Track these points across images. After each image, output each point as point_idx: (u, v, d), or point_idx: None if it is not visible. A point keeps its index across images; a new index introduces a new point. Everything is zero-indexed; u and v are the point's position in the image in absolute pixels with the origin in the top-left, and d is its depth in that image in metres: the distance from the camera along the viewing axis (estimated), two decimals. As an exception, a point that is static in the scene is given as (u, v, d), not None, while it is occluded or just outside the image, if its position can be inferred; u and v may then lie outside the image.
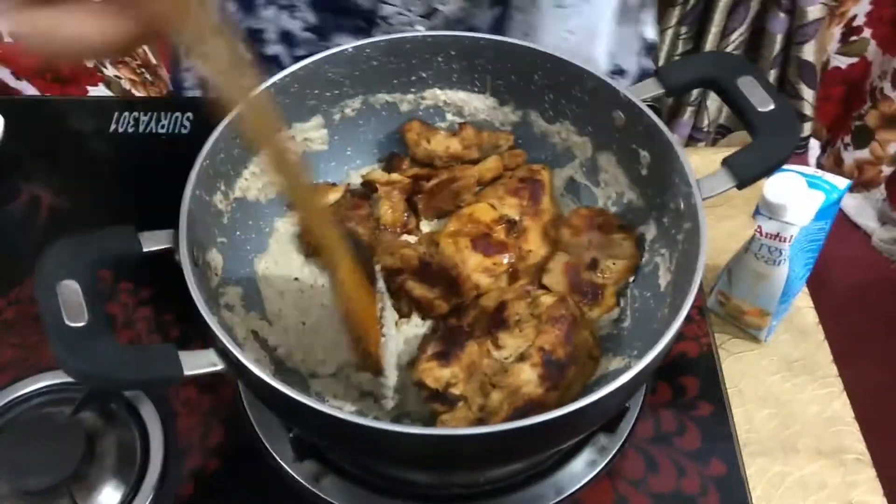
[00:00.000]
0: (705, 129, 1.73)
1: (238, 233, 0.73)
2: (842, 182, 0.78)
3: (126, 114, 0.95)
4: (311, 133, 0.77)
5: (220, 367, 0.55)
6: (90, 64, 1.83)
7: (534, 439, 0.56)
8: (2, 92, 1.90)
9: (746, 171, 0.65)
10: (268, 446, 0.71)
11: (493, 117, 0.80)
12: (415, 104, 0.80)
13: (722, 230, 0.93)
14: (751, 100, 0.67)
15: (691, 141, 1.71)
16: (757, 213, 0.77)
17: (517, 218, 0.75)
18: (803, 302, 0.89)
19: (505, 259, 0.72)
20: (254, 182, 0.73)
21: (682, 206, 0.66)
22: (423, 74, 0.78)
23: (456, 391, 0.64)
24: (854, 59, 1.72)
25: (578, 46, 0.94)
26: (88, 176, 0.92)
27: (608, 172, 0.77)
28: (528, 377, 0.64)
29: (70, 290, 0.54)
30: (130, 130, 0.94)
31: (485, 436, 0.52)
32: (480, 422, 0.64)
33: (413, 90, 0.79)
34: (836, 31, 1.67)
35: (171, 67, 1.13)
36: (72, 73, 1.87)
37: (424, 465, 0.62)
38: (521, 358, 0.66)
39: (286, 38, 0.90)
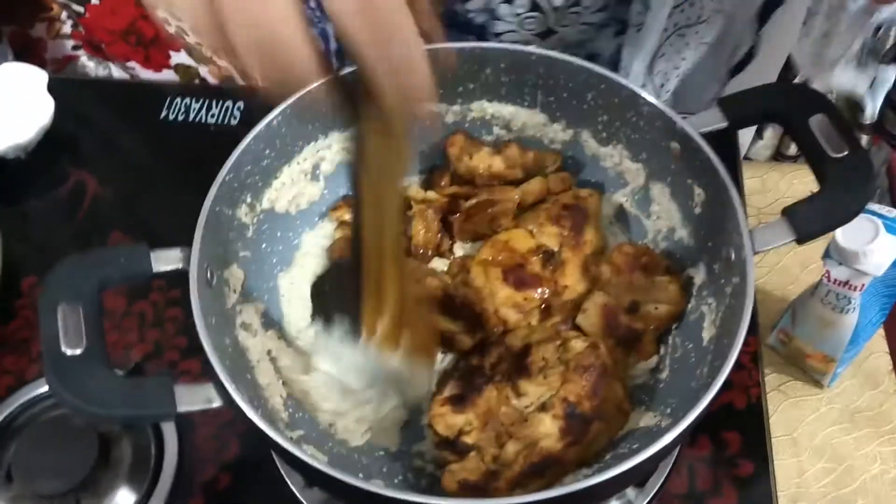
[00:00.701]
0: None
1: (264, 245, 0.71)
2: None
3: (178, 100, 0.94)
4: (350, 142, 0.73)
5: (216, 404, 0.54)
6: (172, 30, 1.84)
7: None
8: (95, 50, 1.93)
9: (808, 226, 0.59)
10: (279, 468, 0.69)
11: (542, 134, 0.76)
12: (461, 115, 0.76)
13: (794, 258, 0.87)
14: (821, 142, 0.60)
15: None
16: (826, 256, 0.70)
17: (555, 249, 0.70)
18: (877, 345, 0.82)
19: (537, 294, 0.68)
20: (284, 193, 0.71)
21: (732, 256, 0.61)
22: (471, 86, 0.74)
23: (468, 440, 0.61)
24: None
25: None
26: (135, 163, 0.92)
27: (660, 205, 0.71)
28: (547, 430, 0.60)
29: (71, 313, 0.53)
30: (181, 118, 0.92)
31: None
32: (493, 474, 0.60)
33: (460, 101, 0.75)
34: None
35: None
36: (154, 37, 1.89)
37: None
38: (543, 408, 0.61)
39: None
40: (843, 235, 0.68)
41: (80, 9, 1.86)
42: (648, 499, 0.68)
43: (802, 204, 0.59)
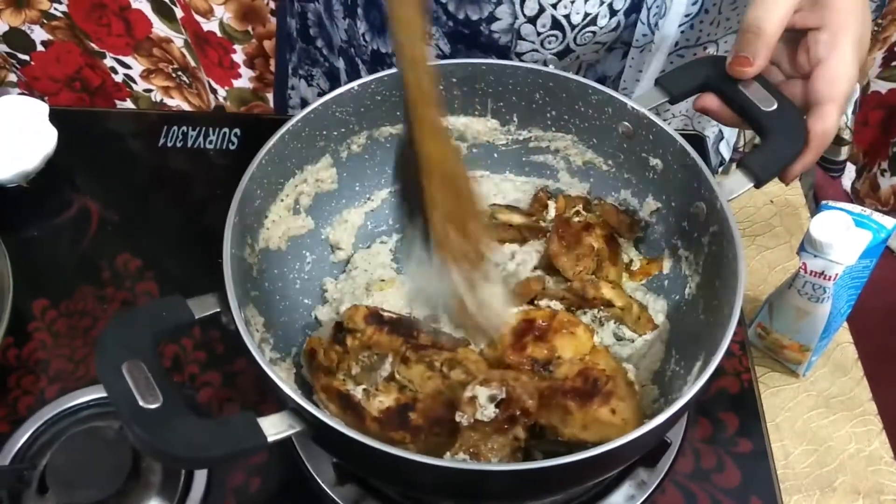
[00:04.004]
0: (741, 149, 1.72)
1: (267, 284, 0.73)
2: (889, 221, 0.77)
3: (175, 128, 0.96)
4: (322, 173, 0.78)
5: (299, 428, 0.55)
6: (118, 79, 1.85)
7: (561, 477, 0.58)
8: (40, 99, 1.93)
9: (762, 172, 0.67)
10: (309, 468, 0.71)
11: (494, 139, 0.82)
12: None
13: (762, 261, 0.94)
14: (754, 100, 0.68)
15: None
16: (802, 249, 0.77)
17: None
18: (843, 337, 0.89)
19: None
20: (274, 230, 0.74)
21: (705, 209, 0.68)
22: None
23: None
24: (894, 84, 1.70)
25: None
26: (137, 189, 0.94)
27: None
28: None
29: (137, 370, 0.53)
30: (179, 145, 0.95)
31: (512, 472, 0.54)
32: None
33: None
34: (878, 55, 1.65)
35: (276, 86, 1.15)
36: (100, 85, 1.89)
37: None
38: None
39: None
40: (818, 229, 0.75)
41: (26, 57, 1.86)
42: (660, 478, 0.73)
43: (752, 154, 0.68)
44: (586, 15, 0.84)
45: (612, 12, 0.84)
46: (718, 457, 0.75)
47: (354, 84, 0.74)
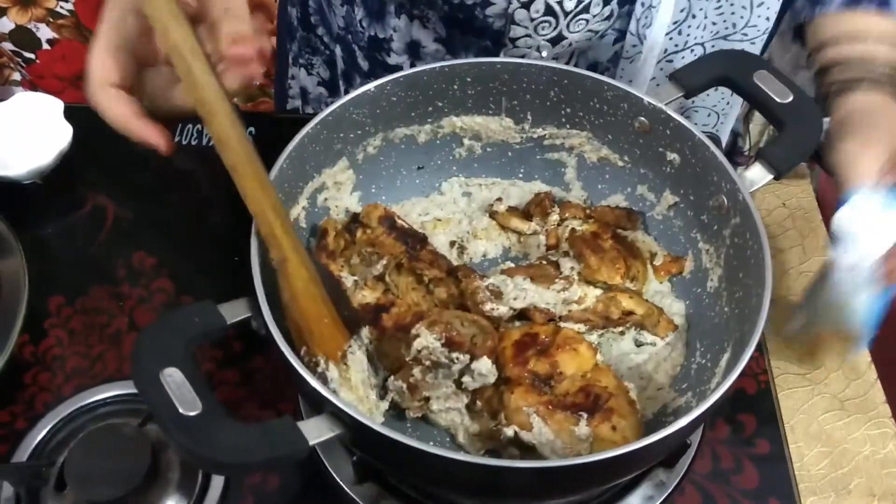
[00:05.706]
0: (746, 153, 1.72)
1: None
2: None
3: (189, 126, 0.96)
4: (340, 176, 0.78)
5: (339, 431, 0.55)
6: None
7: (580, 477, 0.58)
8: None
9: (782, 163, 0.67)
10: (328, 467, 0.71)
11: (509, 137, 0.82)
12: (432, 134, 0.81)
13: (776, 263, 0.93)
14: (770, 93, 0.68)
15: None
16: (833, 241, 0.76)
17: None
18: (856, 340, 0.88)
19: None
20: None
21: (725, 202, 0.68)
22: (440, 104, 0.79)
23: None
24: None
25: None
26: (151, 186, 0.94)
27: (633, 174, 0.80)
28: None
29: (175, 378, 0.52)
30: (194, 143, 0.95)
31: (534, 470, 0.55)
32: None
33: (430, 120, 0.80)
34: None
35: (276, 75, 1.15)
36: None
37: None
38: None
39: (413, 48, 0.92)
40: (847, 219, 0.74)
41: (32, 55, 1.86)
42: (678, 479, 0.73)
43: (771, 146, 0.68)
44: (579, 2, 0.83)
45: (606, 0, 0.84)
46: (737, 458, 0.75)
47: (371, 86, 0.74)
